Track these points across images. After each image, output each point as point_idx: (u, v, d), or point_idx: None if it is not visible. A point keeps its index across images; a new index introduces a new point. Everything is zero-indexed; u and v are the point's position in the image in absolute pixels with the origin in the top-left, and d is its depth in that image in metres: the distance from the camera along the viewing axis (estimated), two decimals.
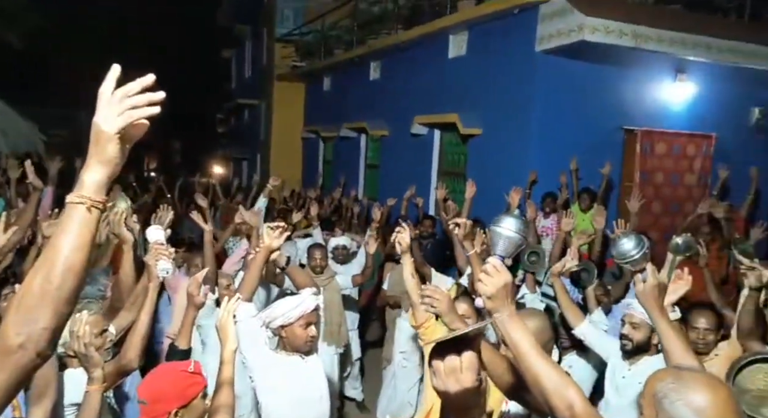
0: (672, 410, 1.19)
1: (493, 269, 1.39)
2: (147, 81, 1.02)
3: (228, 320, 2.17)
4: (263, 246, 2.64)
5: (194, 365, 1.91)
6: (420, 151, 8.51)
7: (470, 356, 1.16)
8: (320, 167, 12.52)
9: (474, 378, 1.14)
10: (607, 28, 5.62)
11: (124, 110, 0.98)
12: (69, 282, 0.95)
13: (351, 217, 7.24)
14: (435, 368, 1.17)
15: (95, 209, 0.99)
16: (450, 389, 1.15)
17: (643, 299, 1.92)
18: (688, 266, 3.67)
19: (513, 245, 1.50)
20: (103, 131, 0.98)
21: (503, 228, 1.50)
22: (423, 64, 8.44)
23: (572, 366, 3.21)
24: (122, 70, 1.03)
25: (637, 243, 2.11)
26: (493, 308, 1.38)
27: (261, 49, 15.15)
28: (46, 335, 0.94)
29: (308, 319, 2.57)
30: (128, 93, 0.99)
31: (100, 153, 0.99)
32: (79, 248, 0.97)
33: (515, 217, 1.52)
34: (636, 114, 6.75)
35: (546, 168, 6.26)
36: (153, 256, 2.52)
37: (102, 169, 1.00)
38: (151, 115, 1.01)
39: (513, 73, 6.67)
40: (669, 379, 1.24)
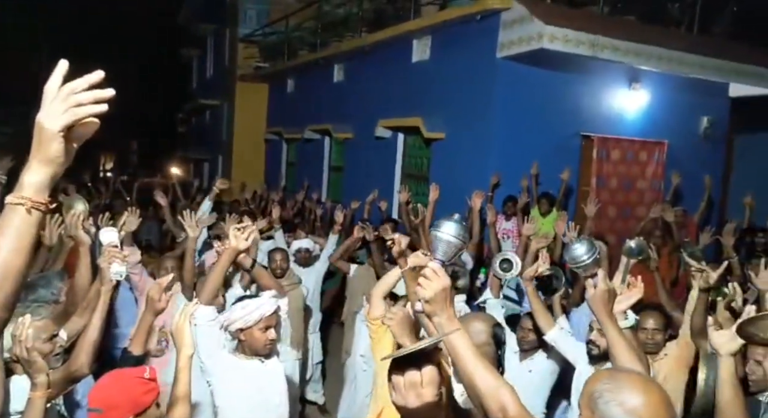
0: (606, 410, 1.20)
1: (433, 274, 1.39)
2: (94, 78, 0.97)
3: (184, 325, 2.11)
4: (229, 248, 2.58)
5: (149, 372, 1.86)
6: (384, 154, 8.55)
7: (430, 370, 1.15)
8: (283, 169, 12.41)
9: (435, 393, 1.14)
10: (565, 36, 5.78)
11: (68, 108, 0.94)
12: (7, 287, 0.91)
13: (314, 219, 7.20)
14: (395, 383, 1.16)
15: (36, 210, 0.95)
16: (410, 404, 1.14)
17: (593, 304, 1.96)
18: (640, 269, 3.83)
19: (453, 250, 1.50)
20: (46, 129, 0.93)
21: (443, 232, 1.49)
22: (387, 68, 8.48)
23: (531, 370, 3.26)
24: (79, 69, 0.99)
25: (589, 248, 2.16)
26: (432, 312, 1.38)
27: (223, 49, 14.93)
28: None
29: (268, 322, 2.52)
30: (74, 90, 0.95)
31: (42, 152, 0.95)
32: (17, 251, 0.93)
33: (455, 221, 1.52)
34: (592, 121, 6.96)
35: (507, 172, 6.38)
36: (106, 259, 2.44)
37: (44, 169, 0.96)
38: (98, 113, 0.96)
39: (475, 78, 6.78)
40: (605, 380, 1.26)
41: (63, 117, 0.93)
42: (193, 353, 2.09)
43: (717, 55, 6.79)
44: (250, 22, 13.45)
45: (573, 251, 2.17)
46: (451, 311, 1.39)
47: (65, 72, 0.97)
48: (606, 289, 1.95)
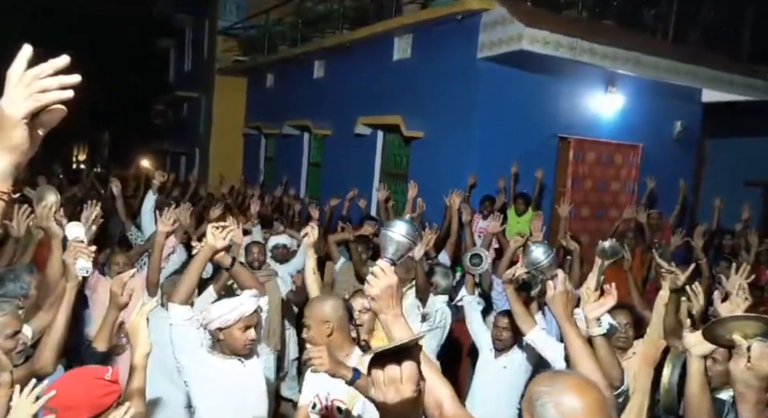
0: (542, 412, 1.21)
1: (380, 272, 1.43)
2: (60, 63, 0.93)
3: (140, 323, 2.06)
4: (206, 246, 2.52)
5: (112, 373, 1.80)
6: (363, 151, 8.54)
7: (410, 366, 1.16)
8: (262, 164, 12.30)
9: (413, 389, 1.15)
10: (545, 39, 5.84)
11: (32, 93, 0.90)
12: None
13: (292, 215, 7.17)
14: (374, 378, 1.16)
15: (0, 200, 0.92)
16: (389, 400, 1.14)
17: (553, 306, 1.99)
18: (614, 270, 3.90)
19: (402, 249, 1.52)
20: (8, 116, 0.90)
21: (394, 232, 1.51)
22: (368, 65, 8.47)
23: (506, 367, 3.30)
24: (51, 56, 0.95)
25: (545, 250, 2.19)
26: (378, 309, 1.42)
27: (202, 41, 14.72)
28: None
29: (247, 322, 2.47)
30: (38, 75, 0.91)
31: (4, 140, 0.91)
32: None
33: (406, 221, 1.54)
34: (570, 123, 7.06)
35: (485, 172, 6.44)
36: (71, 254, 2.37)
37: (6, 157, 0.92)
38: (63, 99, 0.92)
39: (455, 78, 6.81)
40: (544, 382, 1.27)
41: (26, 103, 0.90)
42: (149, 352, 2.04)
43: (690, 61, 6.95)
44: (229, 15, 13.29)
45: (530, 254, 2.20)
46: (397, 309, 1.42)
47: (29, 57, 0.93)
48: (565, 290, 1.98)
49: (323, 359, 2.04)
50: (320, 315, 2.43)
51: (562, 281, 2.01)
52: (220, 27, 13.20)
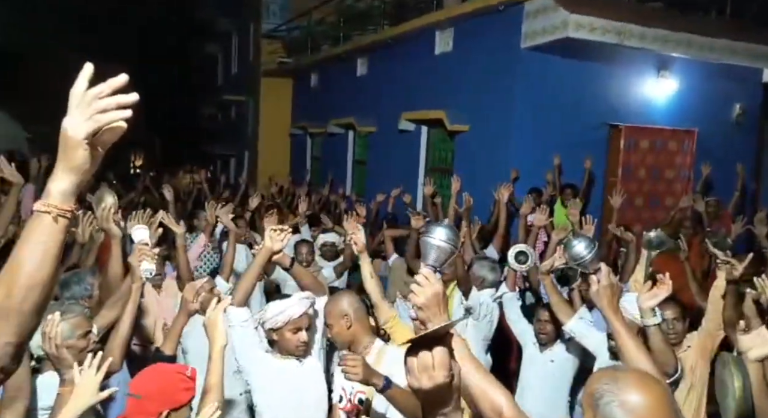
0: (607, 411, 1.19)
1: (425, 280, 1.38)
2: (118, 82, 0.94)
3: (217, 318, 2.10)
4: (264, 248, 2.58)
5: (191, 371, 1.87)
6: (407, 147, 8.54)
7: (442, 352, 1.17)
8: (308, 164, 12.49)
9: (446, 374, 1.17)
10: (591, 25, 5.68)
11: (92, 114, 0.92)
12: (33, 297, 0.91)
13: (339, 213, 7.26)
14: (408, 365, 1.19)
15: (62, 218, 0.94)
16: (423, 386, 1.17)
17: (597, 300, 1.94)
18: (669, 261, 3.77)
19: (444, 255, 1.50)
20: (71, 137, 0.92)
21: (435, 238, 1.49)
22: (410, 61, 8.46)
23: (554, 360, 3.25)
24: (106, 67, 0.98)
25: (587, 245, 2.13)
26: (425, 318, 1.37)
27: (247, 45, 15.06)
28: (9, 350, 0.91)
29: (297, 324, 2.50)
30: (98, 95, 0.92)
31: (67, 159, 0.93)
32: (43, 261, 0.92)
33: (447, 227, 1.52)
34: (620, 110, 6.84)
35: (531, 164, 6.32)
36: (137, 256, 2.47)
37: (69, 177, 0.94)
38: (122, 118, 0.94)
39: (498, 69, 6.72)
40: (605, 379, 1.24)
41: (87, 124, 0.92)
42: (225, 345, 2.08)
43: (749, 39, 6.59)
44: (273, 18, 13.54)
45: (572, 249, 2.15)
46: (444, 316, 1.38)
47: (90, 75, 0.94)
48: (609, 284, 1.93)
49: (357, 368, 2.06)
50: (337, 311, 2.45)
51: (606, 274, 1.95)
52: (264, 30, 13.48)
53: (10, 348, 0.91)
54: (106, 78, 0.97)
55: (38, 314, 0.94)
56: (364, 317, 2.53)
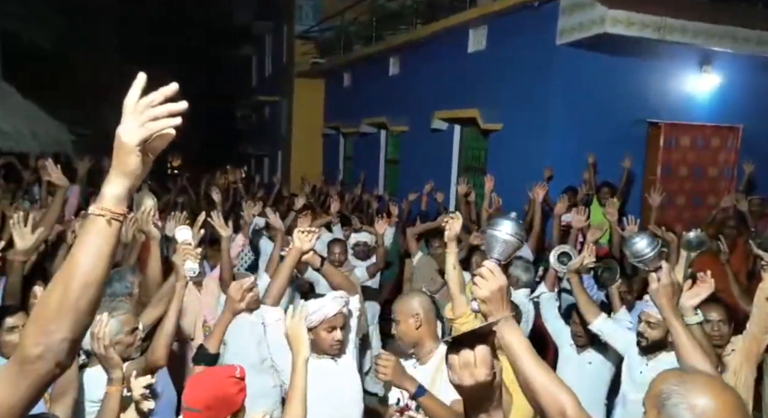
0: (674, 412, 1.17)
1: (489, 273, 1.38)
2: (169, 90, 0.99)
3: (300, 328, 2.08)
4: (293, 248, 2.61)
5: (240, 370, 1.88)
6: (440, 146, 8.51)
7: (483, 350, 1.18)
8: (340, 163, 12.57)
9: (487, 372, 1.17)
10: (629, 20, 5.54)
11: (145, 122, 0.97)
12: (88, 295, 0.95)
13: (371, 213, 7.28)
14: (450, 362, 1.21)
15: (115, 221, 0.98)
16: (465, 383, 1.17)
17: (657, 298, 1.91)
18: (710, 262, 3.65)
19: (510, 249, 1.48)
20: (124, 143, 0.97)
21: (500, 231, 1.48)
22: (442, 59, 8.42)
23: (591, 362, 3.20)
24: (142, 69, 1.01)
25: (650, 242, 2.09)
26: (488, 312, 1.38)
27: (281, 46, 15.25)
28: (65, 346, 0.94)
29: (332, 323, 2.51)
30: (150, 104, 0.97)
31: (121, 165, 0.98)
32: (98, 261, 0.96)
33: (513, 220, 1.50)
34: (659, 107, 6.66)
35: (566, 163, 6.21)
36: (180, 256, 2.52)
37: (122, 182, 0.99)
38: (172, 126, 0.99)
39: (533, 67, 6.62)
40: (673, 380, 1.22)
41: (140, 131, 0.97)
42: (308, 357, 2.06)
43: None
44: (306, 19, 13.67)
45: (633, 245, 2.10)
46: (507, 311, 1.38)
47: (143, 84, 0.99)
48: (670, 283, 1.89)
49: (388, 368, 2.04)
50: (408, 309, 2.45)
51: (667, 272, 1.92)
52: (297, 31, 13.62)
53: (66, 344, 0.94)
54: (149, 83, 1.00)
55: (92, 312, 0.98)
56: (433, 320, 2.51)
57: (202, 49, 21.54)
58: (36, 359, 0.93)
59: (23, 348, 0.94)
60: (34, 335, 0.94)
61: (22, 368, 0.93)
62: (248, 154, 18.40)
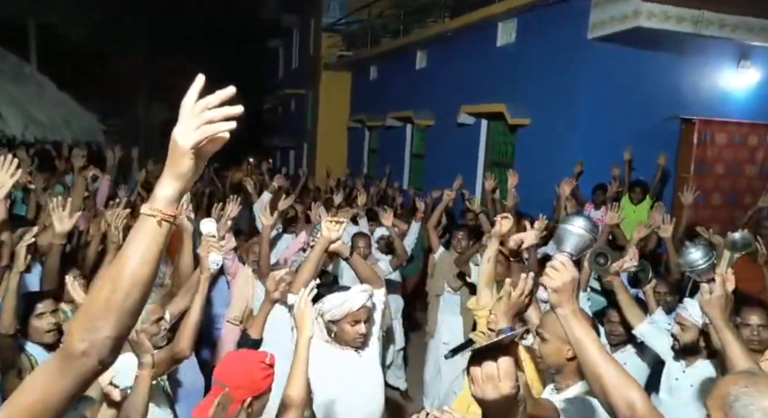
0: (744, 414, 1.17)
1: (561, 265, 1.43)
2: (227, 94, 0.98)
3: (306, 308, 2.14)
4: (322, 238, 2.64)
5: (270, 358, 1.93)
6: (466, 141, 8.43)
7: (507, 362, 1.15)
8: (365, 157, 12.57)
9: (512, 385, 1.14)
10: (665, 13, 5.39)
11: (200, 125, 0.95)
12: (135, 295, 0.95)
13: (395, 207, 7.26)
14: (472, 375, 1.18)
15: (166, 222, 0.98)
16: (488, 397, 1.15)
17: (708, 308, 1.90)
18: (746, 264, 3.54)
19: (582, 244, 1.54)
20: (179, 145, 0.96)
21: (574, 226, 1.54)
22: (470, 53, 8.33)
23: (626, 363, 3.13)
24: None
25: (705, 253, 2.08)
26: (558, 303, 1.42)
27: (308, 39, 15.29)
28: (109, 344, 0.95)
29: (356, 316, 2.52)
30: (207, 106, 0.96)
31: (174, 167, 0.98)
32: (146, 261, 0.96)
33: (585, 217, 1.57)
34: (694, 103, 6.48)
35: (596, 159, 6.09)
36: (205, 248, 2.55)
37: (175, 184, 0.99)
38: (227, 130, 0.97)
39: (564, 61, 6.50)
40: (743, 382, 1.22)
41: (195, 134, 0.95)
42: (312, 336, 2.12)
43: None
44: (333, 12, 13.67)
45: (688, 255, 2.10)
46: (576, 304, 1.42)
47: (201, 86, 0.98)
48: (723, 294, 1.88)
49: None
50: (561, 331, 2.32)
51: (721, 284, 1.92)
52: (324, 24, 13.63)
53: (110, 342, 0.95)
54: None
55: (138, 312, 0.98)
56: None
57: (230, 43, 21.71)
58: (81, 355, 0.93)
59: (69, 343, 0.94)
60: (80, 331, 0.94)
61: (67, 363, 0.94)
62: (274, 147, 18.53)
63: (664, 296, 3.51)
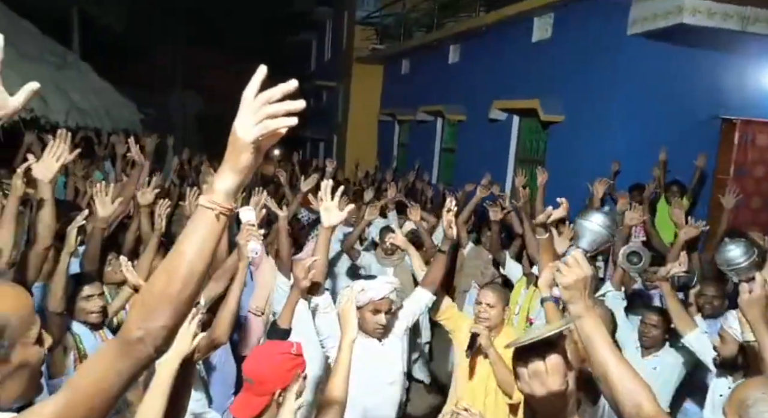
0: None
1: (574, 261, 1.38)
2: (289, 88, 0.96)
3: (350, 309, 2.14)
4: (323, 227, 2.63)
5: (296, 347, 1.95)
6: (497, 137, 8.36)
7: (556, 359, 1.14)
8: (395, 150, 12.56)
9: (561, 382, 1.13)
10: (709, 10, 5.23)
11: (262, 118, 0.94)
12: (191, 286, 0.97)
13: (424, 201, 7.25)
14: (519, 372, 1.17)
15: (223, 216, 0.98)
16: (536, 393, 1.14)
17: (747, 309, 1.84)
18: None
19: (599, 241, 1.48)
20: (240, 139, 0.95)
21: (591, 222, 1.48)
22: (505, 48, 8.23)
23: (656, 367, 3.08)
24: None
25: (745, 251, 1.98)
26: (569, 300, 1.38)
27: (341, 32, 15.31)
28: (164, 333, 0.97)
29: (377, 306, 2.54)
30: (269, 100, 0.95)
31: (233, 160, 0.97)
32: (202, 255, 0.97)
33: (605, 213, 1.50)
34: (735, 102, 6.28)
35: (631, 159, 5.97)
36: (244, 236, 2.57)
37: (234, 177, 0.98)
38: (288, 126, 0.96)
39: (601, 57, 6.38)
40: (761, 388, 1.19)
41: (255, 128, 0.94)
42: (355, 338, 2.13)
43: None
44: (367, 5, 13.66)
45: (727, 253, 1.99)
46: (589, 301, 1.37)
47: (262, 79, 0.96)
48: (762, 294, 1.80)
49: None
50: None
51: (761, 284, 1.83)
52: (357, 17, 13.62)
53: (164, 332, 0.97)
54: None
55: (192, 303, 1.00)
56: None
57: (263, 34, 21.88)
58: (137, 342, 0.96)
59: (127, 330, 0.97)
60: (137, 320, 0.96)
61: (124, 349, 0.97)
62: (304, 138, 18.64)
63: (711, 300, 3.41)
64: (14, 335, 1.02)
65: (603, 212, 1.50)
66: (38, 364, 1.09)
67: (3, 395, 1.02)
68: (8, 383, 1.02)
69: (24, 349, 1.05)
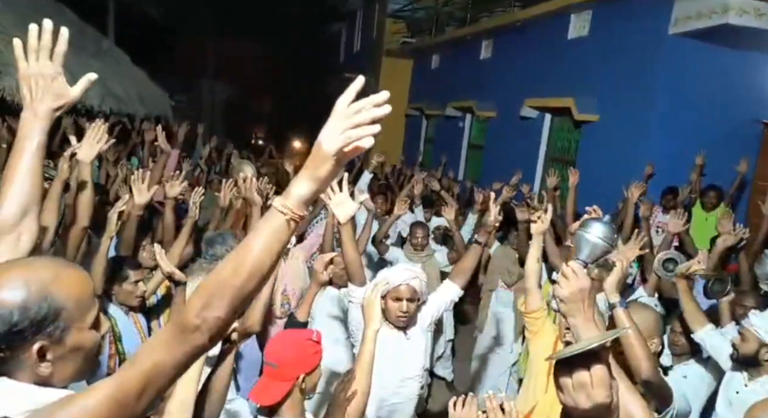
0: None
1: (572, 273, 1.35)
2: (380, 99, 0.96)
3: (375, 300, 2.16)
4: (341, 224, 2.67)
5: (316, 334, 1.96)
6: (527, 135, 8.24)
7: (601, 370, 1.10)
8: (421, 145, 12.50)
9: (606, 394, 1.10)
10: (757, 10, 5.06)
11: (347, 128, 0.94)
12: (252, 283, 0.97)
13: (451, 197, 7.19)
14: (562, 384, 1.13)
15: (293, 222, 0.98)
16: (580, 405, 1.10)
17: None
18: None
19: (598, 252, 1.45)
20: (323, 149, 0.94)
21: (590, 234, 1.45)
22: (539, 45, 8.10)
23: (687, 376, 3.01)
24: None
25: None
26: (567, 312, 1.35)
27: (372, 24, 15.25)
28: (220, 324, 0.97)
29: (398, 293, 2.56)
30: (358, 111, 0.95)
31: (314, 169, 0.96)
32: (267, 255, 0.97)
33: (604, 223, 1.47)
34: None
35: (667, 162, 5.82)
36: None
37: (311, 185, 0.97)
38: (371, 134, 0.94)
39: (640, 56, 6.22)
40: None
41: (340, 138, 0.94)
42: (379, 328, 2.15)
43: None
44: None
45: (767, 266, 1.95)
46: (588, 313, 1.33)
47: (359, 89, 0.96)
48: None
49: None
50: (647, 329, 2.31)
51: None
52: (389, 9, 13.54)
53: (220, 323, 0.97)
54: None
55: (248, 301, 1.00)
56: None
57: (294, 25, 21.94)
58: (194, 329, 0.96)
59: (185, 316, 0.97)
60: (197, 308, 0.96)
61: (180, 335, 0.97)
62: None
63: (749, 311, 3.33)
64: (70, 319, 1.03)
65: (603, 223, 1.46)
66: (93, 348, 1.09)
67: (57, 376, 1.04)
68: (62, 364, 1.04)
69: (79, 333, 1.05)
